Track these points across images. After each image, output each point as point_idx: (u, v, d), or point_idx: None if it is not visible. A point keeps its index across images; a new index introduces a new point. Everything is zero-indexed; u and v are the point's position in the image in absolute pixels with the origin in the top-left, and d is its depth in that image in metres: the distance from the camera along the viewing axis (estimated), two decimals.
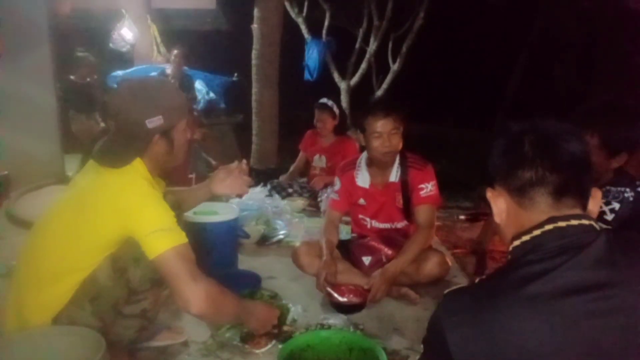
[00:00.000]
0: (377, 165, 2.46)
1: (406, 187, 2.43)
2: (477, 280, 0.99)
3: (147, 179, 1.59)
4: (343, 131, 4.01)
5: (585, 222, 0.91)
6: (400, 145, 2.38)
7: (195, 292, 1.46)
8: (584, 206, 0.94)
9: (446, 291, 0.97)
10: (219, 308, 1.55)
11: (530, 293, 0.84)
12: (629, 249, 0.89)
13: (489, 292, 0.90)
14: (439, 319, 0.92)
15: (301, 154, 4.31)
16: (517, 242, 0.95)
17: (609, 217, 1.64)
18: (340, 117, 4.02)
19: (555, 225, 0.90)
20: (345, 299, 2.27)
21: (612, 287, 0.83)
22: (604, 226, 1.10)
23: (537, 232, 0.92)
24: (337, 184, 2.58)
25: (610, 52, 7.04)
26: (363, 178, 2.51)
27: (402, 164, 2.45)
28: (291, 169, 4.32)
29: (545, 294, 0.83)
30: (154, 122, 1.56)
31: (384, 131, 2.31)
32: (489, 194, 1.03)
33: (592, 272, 0.84)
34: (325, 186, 3.91)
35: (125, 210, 1.49)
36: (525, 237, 0.93)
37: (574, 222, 0.90)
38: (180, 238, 1.50)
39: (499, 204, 1.00)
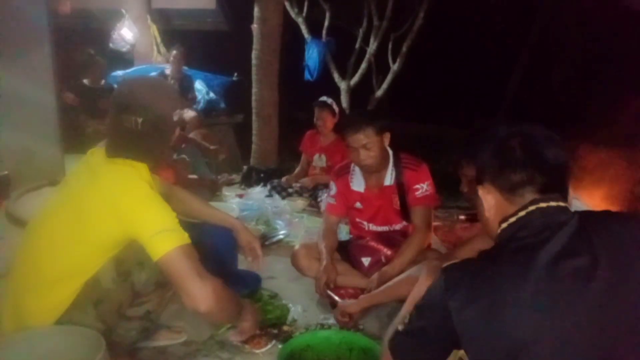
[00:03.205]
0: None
1: (402, 189, 2.43)
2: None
3: (147, 181, 1.58)
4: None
5: (561, 204, 1.06)
6: (378, 157, 2.35)
7: (203, 290, 1.46)
8: (565, 200, 1.10)
9: (444, 265, 1.10)
10: (225, 305, 1.55)
11: (523, 260, 0.98)
12: (598, 225, 1.05)
13: (486, 263, 1.05)
14: (441, 286, 1.05)
15: (304, 156, 4.31)
16: (504, 225, 1.09)
17: None
18: (340, 115, 4.03)
19: (538, 206, 1.06)
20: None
21: (589, 254, 0.97)
22: None
23: (522, 213, 1.06)
24: (333, 188, 2.57)
25: (610, 52, 7.05)
26: (358, 182, 2.51)
27: (397, 166, 2.44)
28: (296, 171, 4.32)
29: (537, 260, 0.97)
30: (177, 114, 1.67)
31: (356, 146, 2.31)
32: (481, 193, 1.15)
33: (572, 243, 0.99)
34: (319, 185, 3.92)
35: (127, 214, 1.48)
36: (512, 219, 1.08)
37: (553, 203, 1.06)
38: (183, 238, 1.50)
39: (489, 200, 1.14)
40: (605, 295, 0.93)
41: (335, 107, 4.01)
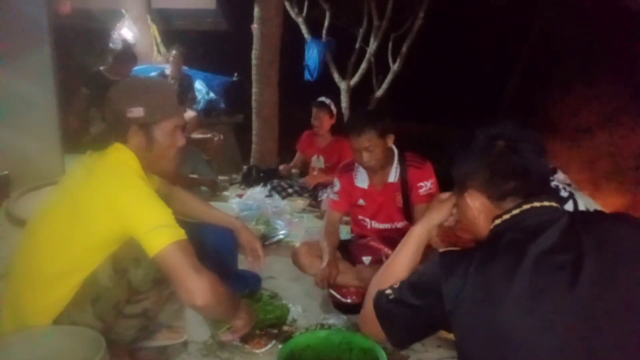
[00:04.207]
0: None
1: (406, 187, 2.43)
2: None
3: (141, 177, 1.58)
4: (340, 131, 4.01)
5: (554, 204, 1.10)
6: (381, 159, 2.37)
7: (199, 284, 1.46)
8: (553, 197, 1.14)
9: (441, 250, 1.12)
10: (221, 300, 1.54)
11: (514, 254, 1.00)
12: (588, 223, 1.08)
13: (481, 254, 1.06)
14: (437, 271, 1.08)
15: (298, 154, 4.31)
16: (498, 221, 1.11)
17: None
18: (338, 117, 4.04)
19: (532, 205, 1.08)
20: (348, 300, 2.28)
21: (576, 250, 0.99)
22: None
23: (516, 212, 1.09)
24: (337, 185, 2.58)
25: (610, 52, 7.05)
26: (362, 179, 2.52)
27: (401, 163, 2.45)
28: (292, 163, 4.36)
29: (526, 255, 0.99)
30: (134, 112, 1.58)
31: (359, 148, 2.32)
32: (468, 199, 1.16)
33: (561, 239, 1.02)
34: (318, 185, 3.93)
35: (123, 211, 1.49)
36: (506, 216, 1.10)
37: (546, 203, 1.09)
38: (180, 233, 1.50)
39: (478, 206, 1.15)
40: (591, 290, 0.95)
41: (333, 108, 4.02)
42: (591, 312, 0.94)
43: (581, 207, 1.79)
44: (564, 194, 1.79)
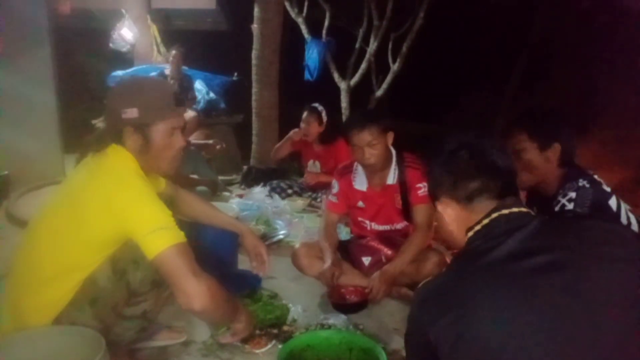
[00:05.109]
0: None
1: (405, 188, 2.43)
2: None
3: (141, 176, 1.57)
4: (337, 134, 3.96)
5: (523, 209, 1.11)
6: (383, 156, 2.37)
7: (197, 288, 1.45)
8: (521, 203, 1.15)
9: (418, 286, 1.13)
10: (219, 304, 1.54)
11: (485, 262, 1.02)
12: (560, 226, 1.11)
13: (453, 272, 1.10)
14: (412, 308, 1.10)
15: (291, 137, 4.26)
16: (471, 233, 1.13)
17: (570, 206, 1.75)
18: (336, 121, 4.03)
19: (500, 213, 1.10)
20: (346, 300, 2.28)
21: (548, 252, 1.00)
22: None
23: (486, 221, 1.11)
24: (335, 187, 2.58)
25: (610, 52, 7.05)
26: (360, 181, 2.52)
27: (400, 165, 2.45)
28: (279, 144, 4.37)
29: (496, 261, 1.01)
30: (128, 113, 1.57)
31: (361, 144, 2.32)
32: (440, 207, 1.20)
33: (530, 242, 1.03)
34: (319, 187, 3.92)
35: (122, 212, 1.48)
36: (477, 227, 1.12)
37: (515, 209, 1.10)
38: (178, 236, 1.49)
39: (450, 213, 1.18)
40: (563, 294, 0.94)
41: (324, 116, 3.99)
42: (564, 316, 0.93)
43: (622, 204, 1.81)
44: (606, 188, 1.81)
